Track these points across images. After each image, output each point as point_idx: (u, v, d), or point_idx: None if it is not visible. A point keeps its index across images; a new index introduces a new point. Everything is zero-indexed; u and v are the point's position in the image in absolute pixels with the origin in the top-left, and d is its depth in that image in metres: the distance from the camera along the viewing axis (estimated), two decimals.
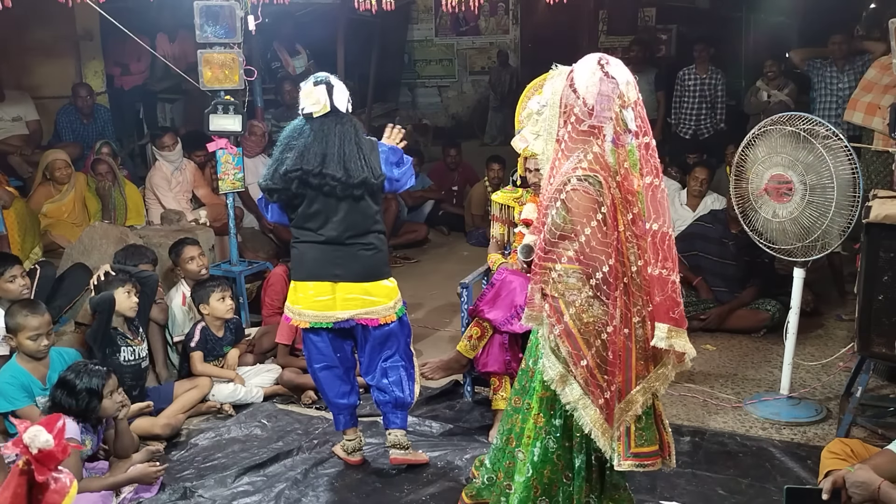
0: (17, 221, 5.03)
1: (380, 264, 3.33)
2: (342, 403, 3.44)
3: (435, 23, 11.22)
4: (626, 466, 2.47)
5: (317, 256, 3.26)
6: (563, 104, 2.44)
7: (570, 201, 2.38)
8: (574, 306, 2.44)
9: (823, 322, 5.18)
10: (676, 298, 2.37)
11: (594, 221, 2.36)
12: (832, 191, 3.52)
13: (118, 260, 4.33)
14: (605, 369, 2.43)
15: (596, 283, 2.40)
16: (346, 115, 3.25)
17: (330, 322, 3.29)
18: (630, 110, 2.37)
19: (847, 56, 5.84)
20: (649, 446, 2.49)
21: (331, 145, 3.17)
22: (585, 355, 2.43)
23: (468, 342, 3.79)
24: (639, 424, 2.47)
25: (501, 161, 7.42)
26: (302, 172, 3.16)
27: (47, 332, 3.50)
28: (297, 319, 3.32)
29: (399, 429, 3.43)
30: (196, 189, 6.21)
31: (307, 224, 3.26)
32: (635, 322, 2.41)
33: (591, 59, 2.41)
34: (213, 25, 4.55)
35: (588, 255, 2.38)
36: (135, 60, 7.45)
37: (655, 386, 2.46)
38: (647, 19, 9.93)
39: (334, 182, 3.15)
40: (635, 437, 2.47)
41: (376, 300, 3.30)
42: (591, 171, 2.38)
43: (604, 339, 2.43)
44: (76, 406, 3.20)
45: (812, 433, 3.76)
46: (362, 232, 3.26)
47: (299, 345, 4.40)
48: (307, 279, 3.29)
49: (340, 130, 3.20)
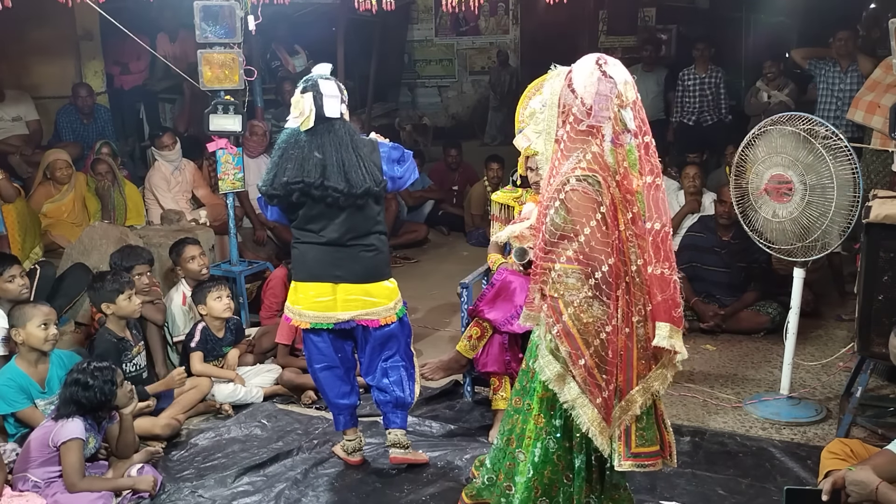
0: (17, 221, 5.03)
1: (381, 265, 3.32)
2: (342, 404, 3.44)
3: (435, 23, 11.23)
4: (627, 467, 2.47)
5: (318, 257, 3.25)
6: (562, 104, 2.44)
7: (569, 201, 2.39)
8: (573, 306, 2.44)
9: (823, 322, 5.18)
10: (677, 298, 2.38)
11: (594, 221, 2.36)
12: (832, 191, 3.52)
13: (114, 260, 4.32)
14: (605, 369, 2.43)
15: (595, 282, 2.40)
16: (337, 120, 3.18)
17: (331, 323, 3.29)
18: (629, 110, 2.37)
19: (851, 55, 5.83)
20: (650, 446, 2.49)
21: (328, 156, 3.13)
22: (584, 354, 2.43)
23: (468, 342, 3.79)
24: (639, 424, 2.47)
25: (501, 161, 7.42)
26: (304, 185, 3.12)
27: (53, 321, 3.51)
28: (297, 320, 3.32)
29: (399, 428, 3.43)
30: (196, 189, 6.21)
31: (308, 226, 3.25)
32: (636, 321, 2.42)
33: (589, 60, 2.42)
34: (213, 25, 4.55)
35: (588, 255, 2.38)
36: (135, 60, 7.45)
37: (655, 386, 2.46)
38: (647, 19, 9.94)
39: (337, 194, 3.12)
40: (636, 438, 2.47)
41: (377, 301, 3.29)
42: (590, 171, 2.38)
43: (602, 339, 2.42)
44: (95, 399, 3.21)
45: (812, 433, 3.76)
46: (363, 234, 3.25)
47: (299, 345, 4.41)
48: (308, 280, 3.28)
49: (334, 139, 3.15)
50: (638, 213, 2.38)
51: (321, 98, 3.14)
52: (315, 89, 3.15)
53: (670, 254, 2.37)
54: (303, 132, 3.17)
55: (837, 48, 5.94)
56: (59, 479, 3.14)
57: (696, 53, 7.32)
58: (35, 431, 3.24)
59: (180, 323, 4.48)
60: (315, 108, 3.13)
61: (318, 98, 3.14)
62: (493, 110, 10.75)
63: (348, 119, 3.28)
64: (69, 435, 3.12)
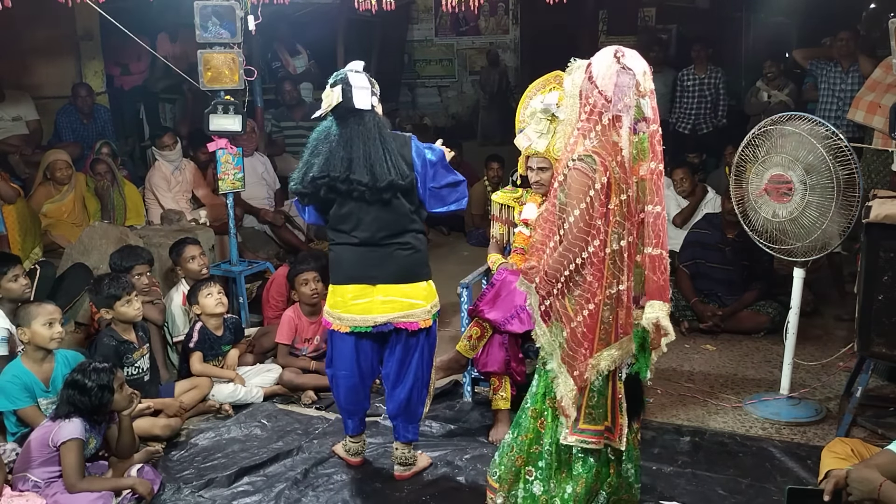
0: (17, 221, 5.04)
1: (418, 265, 3.24)
2: (354, 409, 3.43)
3: (435, 23, 11.24)
4: (572, 441, 2.59)
5: (353, 258, 3.19)
6: (583, 96, 2.51)
7: (570, 179, 2.47)
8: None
9: (823, 322, 5.19)
10: (668, 279, 2.51)
11: (583, 203, 2.43)
12: (832, 191, 3.52)
13: (114, 261, 4.32)
14: (582, 343, 2.51)
15: (581, 261, 2.46)
16: (367, 112, 3.13)
17: (369, 326, 3.21)
18: (647, 99, 2.47)
19: (852, 55, 5.83)
20: (595, 425, 2.59)
21: (355, 149, 3.08)
22: (566, 327, 2.52)
23: (468, 342, 3.79)
24: (590, 403, 2.58)
25: (501, 160, 7.41)
26: (329, 179, 3.09)
27: (59, 320, 3.51)
28: (337, 324, 3.25)
29: (407, 443, 3.40)
30: (196, 189, 6.21)
31: (341, 226, 3.20)
32: (599, 301, 2.49)
33: (608, 52, 2.49)
34: (213, 25, 4.55)
35: (575, 235, 2.45)
36: (135, 61, 7.45)
37: (602, 365, 2.53)
38: (647, 19, 9.94)
39: (361, 187, 3.07)
40: (584, 416, 2.58)
41: (415, 302, 3.22)
42: (592, 152, 2.45)
43: (585, 316, 2.50)
44: (90, 403, 3.20)
45: (812, 433, 3.76)
46: (398, 231, 3.18)
47: (299, 345, 4.41)
48: (345, 282, 3.21)
49: (363, 131, 3.10)
50: (632, 198, 2.48)
51: (350, 90, 3.09)
52: (344, 82, 3.11)
53: (665, 237, 2.49)
54: (334, 126, 3.14)
55: (838, 48, 5.94)
56: (59, 479, 3.14)
57: (694, 54, 7.32)
58: (35, 431, 3.24)
59: (180, 323, 4.48)
60: (343, 100, 3.09)
61: (348, 90, 3.09)
62: (484, 110, 10.73)
63: (381, 112, 3.22)
64: (69, 435, 3.12)
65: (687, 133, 7.33)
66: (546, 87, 3.74)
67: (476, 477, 3.39)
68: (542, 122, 3.65)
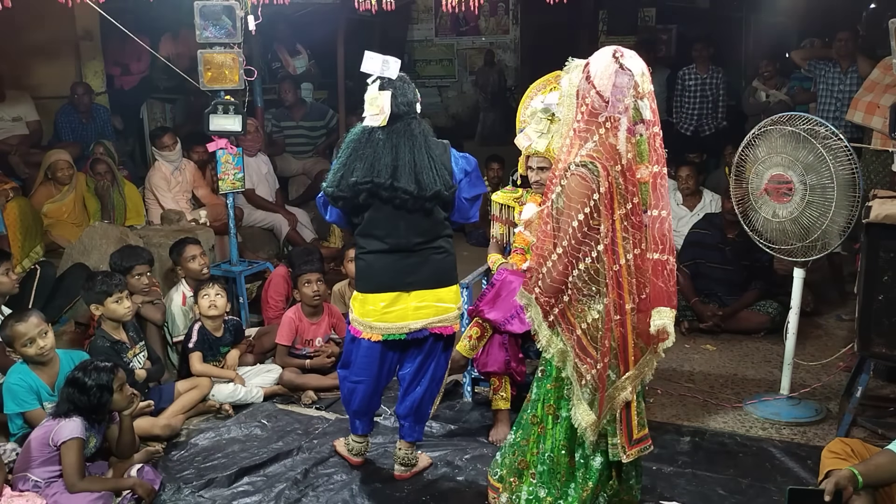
0: (18, 220, 5.03)
1: (451, 268, 3.22)
2: (366, 411, 3.42)
3: (435, 23, 11.24)
4: (634, 454, 2.58)
5: (386, 266, 3.12)
6: (580, 96, 2.48)
7: (568, 187, 2.45)
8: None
9: (823, 322, 5.19)
10: (675, 284, 2.49)
11: (587, 208, 2.41)
12: (832, 191, 3.52)
13: (114, 261, 4.32)
14: (596, 347, 2.50)
15: (578, 272, 2.45)
16: (415, 118, 3.09)
17: (403, 333, 3.16)
18: (645, 100, 2.44)
19: (851, 55, 5.82)
20: (644, 430, 2.61)
21: (402, 155, 3.01)
22: (576, 329, 2.52)
23: (468, 342, 3.78)
24: (638, 410, 2.57)
25: (501, 161, 7.42)
26: (372, 185, 3.01)
27: (40, 334, 3.42)
28: (368, 333, 3.19)
29: (411, 442, 3.40)
30: (196, 189, 6.21)
31: (373, 231, 3.12)
32: (629, 309, 2.47)
33: (607, 52, 2.46)
34: (213, 25, 4.54)
35: (578, 241, 2.44)
36: (135, 61, 7.43)
37: (645, 372, 2.54)
38: (647, 19, 9.94)
39: (406, 195, 3.00)
40: (637, 425, 2.57)
41: (447, 306, 3.19)
42: (591, 158, 2.43)
43: (594, 319, 2.49)
44: (89, 402, 3.20)
45: (812, 433, 3.76)
46: (433, 237, 3.14)
47: (299, 345, 4.41)
48: (377, 291, 3.14)
49: (409, 139, 3.04)
50: (638, 204, 2.44)
51: (398, 96, 3.05)
52: (394, 87, 3.07)
53: (671, 242, 2.46)
54: (379, 130, 3.07)
55: (837, 49, 5.94)
56: (59, 479, 3.13)
57: (696, 53, 7.31)
58: (35, 431, 3.23)
59: (180, 323, 4.48)
60: (394, 105, 3.05)
61: (396, 97, 3.05)
62: (484, 110, 10.73)
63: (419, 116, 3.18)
64: (69, 434, 3.12)
65: (689, 135, 7.33)
66: (546, 87, 3.75)
67: (476, 477, 3.39)
68: (542, 121, 3.65)
